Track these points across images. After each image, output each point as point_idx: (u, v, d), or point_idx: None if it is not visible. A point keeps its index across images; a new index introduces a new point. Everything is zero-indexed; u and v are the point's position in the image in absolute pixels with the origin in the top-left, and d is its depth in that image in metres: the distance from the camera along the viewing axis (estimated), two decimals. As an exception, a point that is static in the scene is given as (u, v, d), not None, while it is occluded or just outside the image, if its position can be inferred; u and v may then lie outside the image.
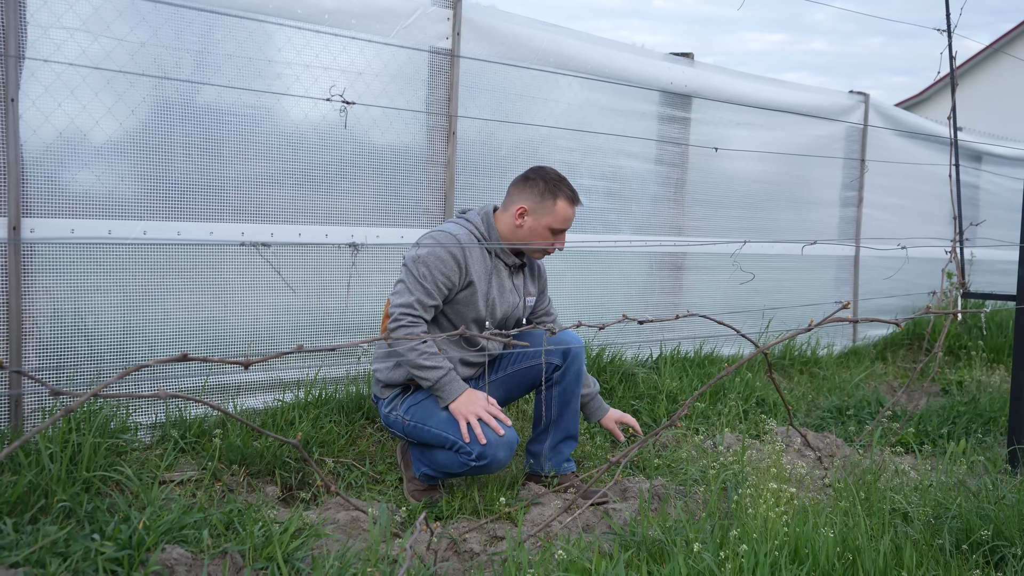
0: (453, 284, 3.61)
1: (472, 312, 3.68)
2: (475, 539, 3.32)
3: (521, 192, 3.74)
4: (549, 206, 3.70)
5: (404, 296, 3.55)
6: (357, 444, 4.09)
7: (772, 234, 6.89)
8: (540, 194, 3.71)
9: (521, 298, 3.87)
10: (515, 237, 3.76)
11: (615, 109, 5.73)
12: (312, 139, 4.32)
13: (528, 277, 3.93)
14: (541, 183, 3.71)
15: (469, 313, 3.68)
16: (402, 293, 3.57)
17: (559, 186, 3.72)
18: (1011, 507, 3.45)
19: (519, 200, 3.73)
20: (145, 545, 2.74)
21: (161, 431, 3.73)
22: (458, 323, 3.69)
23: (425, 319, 3.57)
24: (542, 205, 3.71)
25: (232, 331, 4.11)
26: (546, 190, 3.70)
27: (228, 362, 2.19)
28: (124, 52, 3.69)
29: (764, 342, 6.12)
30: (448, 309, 3.68)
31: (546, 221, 3.72)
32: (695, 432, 4.73)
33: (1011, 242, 5.22)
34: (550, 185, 3.71)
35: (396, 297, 3.58)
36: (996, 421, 5.43)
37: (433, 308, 3.60)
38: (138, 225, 3.77)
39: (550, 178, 3.73)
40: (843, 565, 2.91)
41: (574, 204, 3.75)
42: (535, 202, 3.71)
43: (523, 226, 3.73)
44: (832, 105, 7.28)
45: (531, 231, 3.73)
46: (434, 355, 3.53)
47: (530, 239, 3.74)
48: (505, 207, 3.78)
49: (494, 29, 4.91)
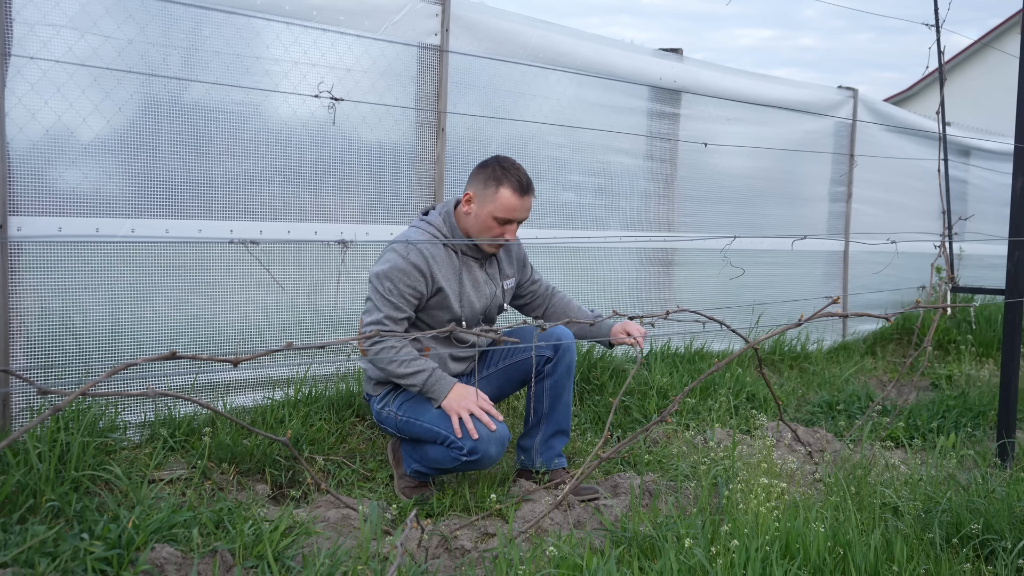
0: (421, 294, 3.59)
1: (447, 314, 3.67)
2: (466, 536, 3.31)
3: (474, 178, 3.67)
4: (492, 193, 3.59)
5: (373, 314, 3.54)
6: (347, 442, 4.08)
7: (762, 229, 6.89)
8: (485, 181, 3.60)
9: (498, 285, 3.85)
10: (465, 225, 3.68)
11: (605, 105, 5.72)
12: (301, 136, 4.30)
13: (503, 260, 3.89)
14: (488, 171, 3.61)
15: (444, 315, 3.67)
16: (371, 311, 3.56)
17: (507, 173, 3.59)
18: (1001, 501, 3.46)
19: (469, 186, 3.67)
20: (134, 544, 2.72)
21: (150, 430, 3.72)
22: (436, 325, 3.68)
23: (398, 332, 3.56)
24: (485, 192, 3.60)
25: (221, 329, 4.09)
26: (491, 176, 3.59)
27: (217, 360, 2.18)
28: (111, 49, 3.67)
29: (754, 337, 6.13)
30: (424, 314, 3.67)
31: (488, 209, 3.61)
32: (686, 428, 4.73)
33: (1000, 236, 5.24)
34: (496, 171, 3.59)
35: (367, 316, 3.58)
36: (985, 415, 5.44)
37: (405, 320, 3.58)
38: (126, 223, 3.75)
39: (501, 165, 3.61)
40: (834, 560, 2.92)
41: (523, 194, 3.61)
42: (480, 188, 3.61)
43: (470, 213, 3.65)
44: (821, 100, 7.29)
45: (476, 219, 3.64)
46: (414, 360, 3.51)
47: (475, 228, 3.66)
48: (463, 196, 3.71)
49: (483, 25, 4.90)
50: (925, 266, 7.48)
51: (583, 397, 4.93)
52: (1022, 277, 4.66)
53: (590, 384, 5.01)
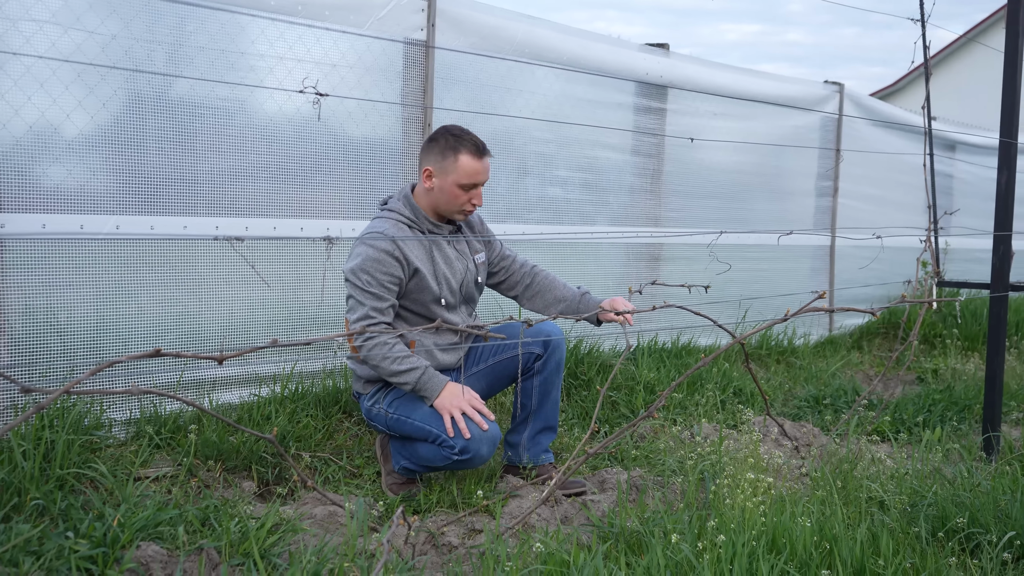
0: (399, 279, 3.58)
1: (428, 295, 3.66)
2: (453, 532, 3.31)
3: (427, 154, 3.64)
4: (451, 163, 3.59)
5: (358, 310, 3.53)
6: (334, 438, 4.08)
7: (749, 224, 6.90)
8: (441, 151, 3.60)
9: (469, 258, 3.85)
10: (429, 203, 3.68)
11: (591, 100, 5.72)
12: (286, 132, 4.29)
13: (469, 236, 3.88)
14: (441, 141, 3.60)
15: (426, 296, 3.66)
16: (355, 308, 3.55)
17: (460, 140, 3.59)
18: (986, 494, 3.48)
19: (424, 163, 3.65)
20: (120, 542, 2.71)
21: (136, 427, 3.71)
22: (419, 309, 3.67)
23: (387, 322, 3.56)
24: (444, 163, 3.60)
25: (207, 326, 4.08)
26: (446, 146, 3.59)
27: (202, 357, 2.18)
28: (95, 45, 3.65)
29: (741, 332, 6.14)
30: (405, 301, 3.66)
31: (452, 179, 3.60)
32: (673, 423, 4.74)
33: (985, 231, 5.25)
34: (450, 140, 3.59)
35: (351, 313, 3.57)
36: (971, 409, 5.46)
37: (390, 308, 3.58)
38: (111, 219, 3.73)
39: (451, 134, 3.61)
40: (820, 554, 2.93)
41: (481, 156, 3.61)
42: (437, 161, 3.61)
43: (433, 188, 3.64)
44: (807, 95, 7.30)
45: (441, 191, 3.63)
46: (406, 357, 3.50)
47: (441, 201, 3.65)
48: (420, 177, 3.70)
49: (469, 20, 4.89)
50: (911, 260, 7.49)
51: (570, 392, 4.93)
52: (1007, 271, 4.67)
53: (577, 379, 5.01)
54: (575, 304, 3.95)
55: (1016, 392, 6.00)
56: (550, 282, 4.04)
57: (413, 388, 3.51)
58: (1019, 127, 4.77)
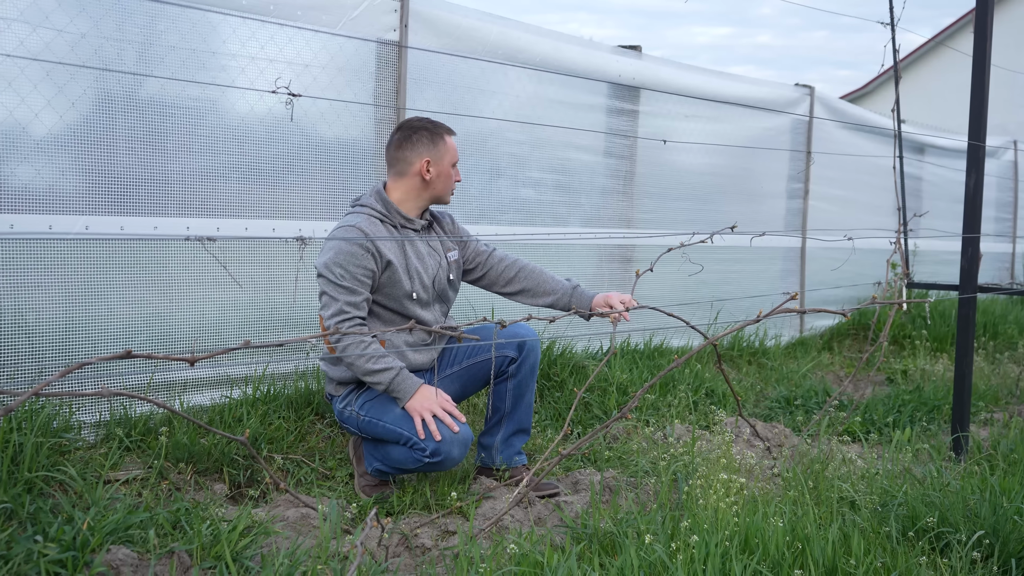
0: (373, 271, 3.57)
1: (400, 290, 3.65)
2: (427, 534, 3.30)
3: (414, 148, 3.71)
4: (443, 146, 3.73)
5: (332, 306, 3.52)
6: (307, 440, 4.06)
7: (720, 226, 6.90)
8: (431, 139, 3.72)
9: (442, 255, 3.84)
10: (427, 194, 3.75)
11: (564, 102, 5.72)
12: (259, 132, 4.26)
13: (441, 233, 3.90)
14: (425, 132, 3.73)
15: (398, 291, 3.65)
16: (328, 304, 3.54)
17: (437, 125, 3.76)
18: (955, 494, 3.51)
19: (417, 156, 3.70)
20: (90, 546, 2.69)
21: (106, 429, 3.67)
22: (392, 305, 3.66)
23: (361, 317, 3.55)
24: (437, 148, 3.72)
25: (178, 327, 4.05)
26: (434, 134, 3.73)
27: (173, 358, 2.16)
28: (64, 43, 3.62)
29: (713, 333, 6.16)
30: (378, 296, 3.65)
31: (447, 160, 3.74)
32: (645, 424, 4.75)
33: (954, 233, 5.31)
34: (432, 129, 3.74)
35: (325, 310, 3.55)
36: (940, 409, 5.51)
37: (364, 303, 3.57)
38: (80, 220, 3.70)
39: (426, 124, 3.75)
40: (792, 554, 2.94)
41: (452, 133, 3.81)
42: (430, 149, 3.71)
43: (431, 177, 3.72)
44: (778, 98, 7.34)
45: (439, 176, 3.74)
46: (382, 357, 3.49)
47: (440, 185, 3.76)
48: (402, 173, 3.72)
49: (442, 21, 4.89)
50: (881, 262, 7.55)
51: (543, 393, 4.93)
52: (975, 273, 4.72)
53: (550, 380, 5.02)
54: (567, 297, 3.92)
55: (984, 392, 6.06)
56: (537, 275, 3.97)
57: (386, 388, 3.49)
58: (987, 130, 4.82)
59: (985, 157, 4.78)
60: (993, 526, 3.26)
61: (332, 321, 3.51)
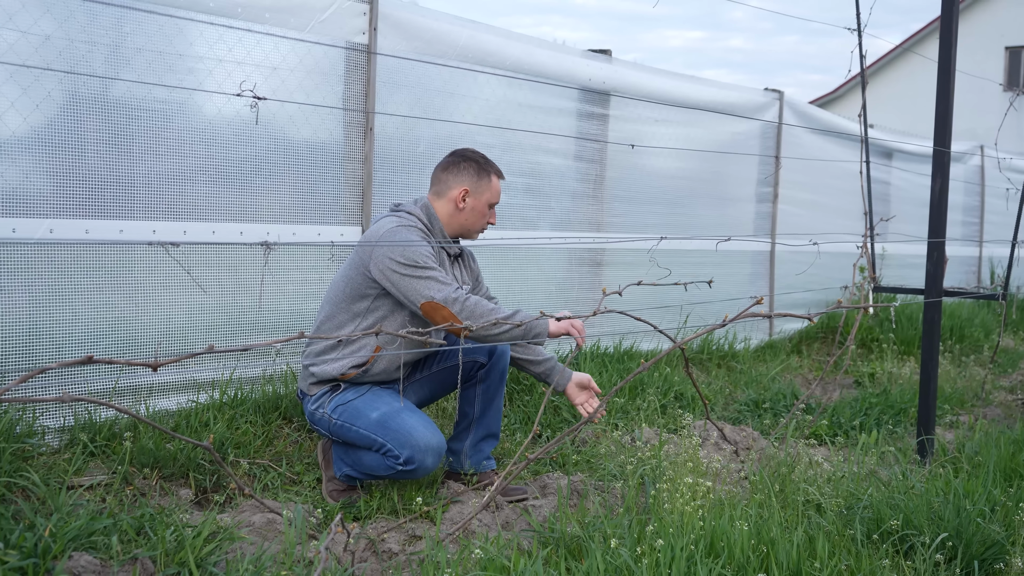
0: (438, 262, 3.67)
1: None
2: (393, 539, 3.29)
3: (457, 175, 3.78)
4: (486, 183, 3.81)
5: (439, 286, 3.49)
6: (274, 445, 4.04)
7: (690, 230, 6.96)
8: (477, 173, 3.79)
9: (460, 284, 3.85)
10: (456, 221, 3.80)
11: (534, 106, 5.73)
12: (226, 135, 4.24)
13: (463, 267, 3.93)
14: (474, 164, 3.81)
15: None
16: (432, 285, 3.49)
17: (488, 163, 3.85)
18: (920, 496, 3.54)
19: (457, 183, 3.77)
20: (51, 553, 2.66)
21: (70, 435, 3.64)
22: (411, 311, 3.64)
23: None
24: (479, 183, 3.79)
25: (143, 331, 4.02)
26: (481, 168, 3.80)
27: (135, 364, 2.14)
28: (28, 45, 3.58)
29: (682, 337, 6.18)
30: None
31: (486, 198, 3.81)
32: (614, 427, 4.76)
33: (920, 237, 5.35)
34: (482, 164, 3.82)
35: (437, 292, 3.48)
36: (906, 412, 5.56)
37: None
38: (44, 223, 3.66)
39: (479, 157, 3.84)
40: (758, 557, 2.95)
41: (502, 177, 3.89)
42: (474, 182, 3.78)
43: (465, 208, 3.78)
44: (748, 102, 7.38)
45: (473, 210, 3.80)
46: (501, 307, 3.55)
47: (471, 219, 3.81)
48: (440, 194, 3.79)
49: (412, 24, 4.88)
50: (848, 266, 7.60)
51: (512, 397, 4.93)
52: (941, 277, 4.76)
53: (519, 384, 5.02)
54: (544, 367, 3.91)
55: (950, 395, 6.12)
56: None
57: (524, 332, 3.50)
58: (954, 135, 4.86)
59: (951, 163, 4.82)
60: (956, 529, 3.29)
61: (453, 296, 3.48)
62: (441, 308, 3.49)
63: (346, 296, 3.65)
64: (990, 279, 11.51)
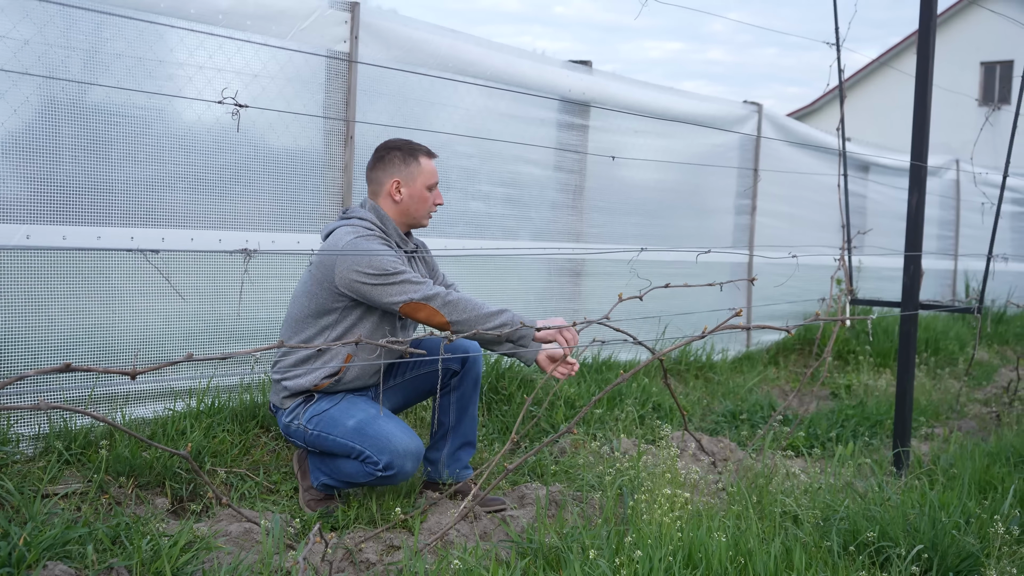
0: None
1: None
2: (371, 549, 3.28)
3: (386, 169, 3.72)
4: (416, 167, 3.72)
5: (414, 287, 3.48)
6: (251, 453, 4.01)
7: (669, 241, 6.98)
8: (404, 160, 3.72)
9: None
10: (401, 213, 3.74)
11: (514, 115, 5.74)
12: (206, 142, 4.22)
13: (418, 261, 3.90)
14: (398, 152, 3.73)
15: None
16: (408, 288, 3.48)
17: (411, 145, 3.76)
18: (896, 508, 3.56)
19: (387, 177, 3.71)
20: (26, 562, 2.64)
21: (45, 442, 3.60)
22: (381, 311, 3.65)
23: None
24: (408, 169, 3.71)
25: (121, 339, 3.99)
26: (407, 155, 3.73)
27: (113, 371, 2.13)
28: (6, 49, 3.56)
29: (660, 348, 6.20)
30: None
31: (420, 181, 3.72)
32: (592, 438, 4.76)
33: (896, 250, 5.39)
34: (406, 150, 3.75)
35: (414, 292, 3.48)
36: (882, 424, 5.59)
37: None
38: (20, 229, 3.63)
39: (402, 144, 3.76)
40: (735, 568, 2.96)
41: (432, 156, 3.79)
42: (403, 170, 3.71)
43: (403, 198, 3.71)
44: (727, 115, 7.41)
45: (411, 198, 3.72)
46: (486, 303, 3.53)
47: (413, 207, 3.74)
48: (377, 193, 3.74)
49: (393, 33, 4.88)
50: (826, 278, 7.66)
51: (491, 407, 4.93)
52: (917, 290, 4.80)
53: (498, 394, 5.01)
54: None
55: (926, 407, 6.16)
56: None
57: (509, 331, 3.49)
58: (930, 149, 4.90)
59: (927, 176, 4.86)
60: (932, 540, 3.31)
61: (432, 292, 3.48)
62: (423, 307, 3.49)
63: (311, 312, 3.61)
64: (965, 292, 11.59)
